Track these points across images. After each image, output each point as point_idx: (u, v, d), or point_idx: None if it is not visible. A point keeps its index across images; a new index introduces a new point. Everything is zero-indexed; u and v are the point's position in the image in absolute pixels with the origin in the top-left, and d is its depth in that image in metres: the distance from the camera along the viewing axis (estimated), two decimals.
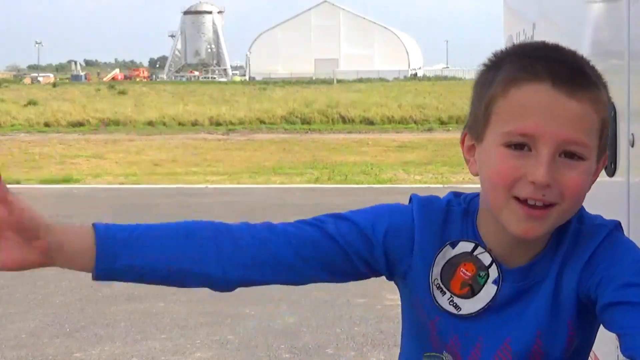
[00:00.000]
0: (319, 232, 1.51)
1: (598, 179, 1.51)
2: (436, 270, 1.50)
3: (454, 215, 1.52)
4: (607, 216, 1.52)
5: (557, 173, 1.37)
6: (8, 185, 1.24)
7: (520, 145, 1.38)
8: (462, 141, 1.51)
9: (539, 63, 1.40)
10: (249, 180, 14.38)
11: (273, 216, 9.75)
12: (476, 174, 1.47)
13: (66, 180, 14.21)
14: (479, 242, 1.49)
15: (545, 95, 1.38)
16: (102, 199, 11.43)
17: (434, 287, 1.50)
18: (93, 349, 5.01)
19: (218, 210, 10.37)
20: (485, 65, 1.49)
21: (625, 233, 1.87)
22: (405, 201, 1.57)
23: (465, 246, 1.50)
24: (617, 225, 1.50)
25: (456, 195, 1.57)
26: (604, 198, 2.11)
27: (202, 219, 1.50)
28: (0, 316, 5.69)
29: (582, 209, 1.51)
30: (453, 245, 1.50)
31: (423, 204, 1.53)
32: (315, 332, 5.25)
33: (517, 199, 1.39)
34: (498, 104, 1.41)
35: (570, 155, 1.38)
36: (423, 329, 1.53)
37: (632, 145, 1.90)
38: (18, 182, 13.70)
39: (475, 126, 1.47)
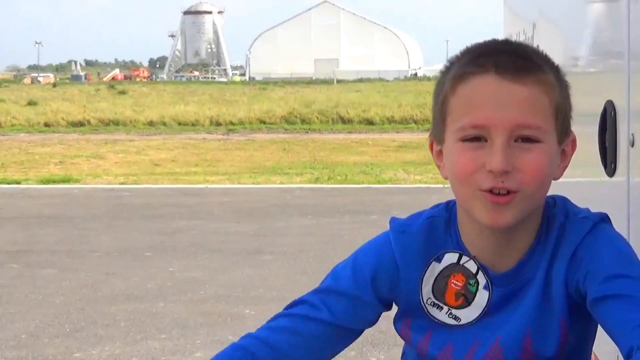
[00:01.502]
0: (318, 325, 1.54)
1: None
2: (426, 290, 1.51)
3: (437, 228, 1.53)
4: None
5: (514, 158, 1.38)
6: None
7: (476, 138, 1.40)
8: (431, 148, 1.53)
9: (482, 56, 1.43)
10: (249, 180, 14.38)
11: (273, 216, 9.76)
12: (447, 178, 1.49)
13: (66, 180, 14.21)
14: (462, 251, 1.50)
15: (490, 84, 1.40)
16: (102, 199, 11.43)
17: (428, 306, 1.52)
18: (93, 349, 5.01)
19: (218, 210, 10.37)
20: (440, 71, 1.52)
21: (625, 233, 1.87)
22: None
23: (450, 257, 1.51)
24: (602, 218, 1.49)
25: (438, 205, 1.58)
26: (604, 198, 2.11)
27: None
28: (0, 316, 5.69)
29: (570, 203, 1.52)
30: (439, 260, 1.51)
31: (401, 229, 1.55)
32: None
33: (481, 190, 1.41)
34: (450, 102, 1.44)
35: (527, 139, 1.39)
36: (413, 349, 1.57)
37: (632, 145, 1.90)
38: (18, 182, 13.70)
39: (436, 130, 1.49)
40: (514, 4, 3.78)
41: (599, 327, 1.50)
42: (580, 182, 2.27)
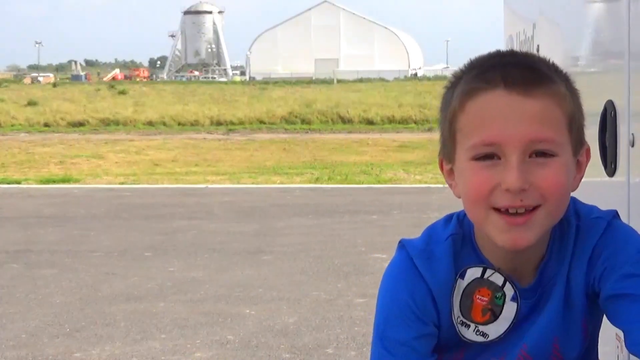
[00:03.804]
0: None
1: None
2: (456, 310, 1.47)
3: (457, 247, 1.48)
4: None
5: (531, 175, 1.34)
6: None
7: (489, 156, 1.36)
8: (441, 167, 1.49)
9: (489, 71, 1.38)
10: (249, 180, 14.38)
11: (273, 216, 9.76)
12: (460, 197, 1.44)
13: (66, 180, 14.21)
14: (486, 264, 1.46)
15: (500, 100, 1.35)
16: (102, 199, 11.43)
17: (459, 325, 1.47)
18: (93, 349, 5.00)
19: (218, 210, 10.37)
20: (445, 87, 1.47)
21: None
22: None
23: (474, 272, 1.46)
24: (615, 215, 1.48)
25: (448, 220, 1.52)
26: (604, 198, 2.11)
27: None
28: (0, 316, 5.69)
29: (578, 203, 1.50)
30: (462, 276, 1.47)
31: (426, 255, 1.48)
32: (315, 332, 5.25)
33: (496, 210, 1.36)
34: (459, 120, 1.40)
35: (542, 153, 1.35)
36: None
37: (632, 145, 1.90)
38: (18, 182, 13.70)
39: (446, 148, 1.45)
40: (514, 4, 3.78)
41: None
42: (581, 182, 2.26)
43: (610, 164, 2.00)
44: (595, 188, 2.19)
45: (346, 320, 5.47)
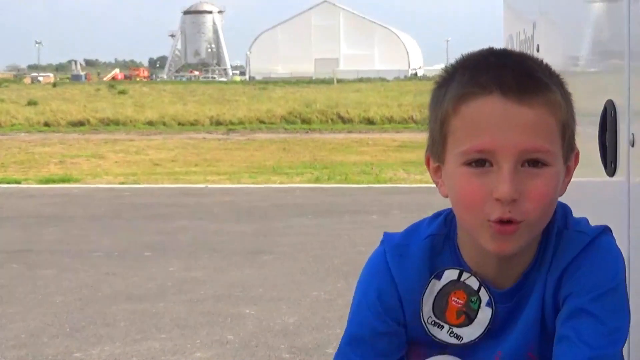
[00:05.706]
0: None
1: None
2: (426, 309, 1.46)
3: (437, 245, 1.47)
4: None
5: (522, 184, 1.32)
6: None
7: (481, 162, 1.34)
8: (427, 164, 1.48)
9: (485, 74, 1.35)
10: (249, 180, 14.38)
11: (273, 216, 9.76)
12: (446, 196, 1.43)
13: (66, 180, 14.20)
14: (463, 268, 1.45)
15: (495, 107, 1.33)
16: (102, 199, 11.43)
17: (429, 325, 1.46)
18: (93, 349, 5.00)
19: (218, 210, 10.37)
20: (436, 82, 1.45)
21: (626, 233, 1.86)
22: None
23: (451, 274, 1.45)
24: (600, 233, 1.43)
25: (436, 217, 1.51)
26: (604, 198, 2.11)
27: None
28: (0, 316, 5.68)
29: (569, 211, 1.47)
30: (439, 277, 1.46)
31: (399, 252, 1.49)
32: (315, 332, 5.24)
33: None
34: (451, 123, 1.37)
35: (534, 162, 1.34)
36: None
37: (632, 145, 1.90)
38: (18, 182, 13.70)
39: (435, 148, 1.43)
40: (514, 3, 3.78)
41: None
42: (580, 182, 2.26)
43: (610, 164, 2.00)
44: (595, 188, 2.19)
45: (346, 320, 5.47)
